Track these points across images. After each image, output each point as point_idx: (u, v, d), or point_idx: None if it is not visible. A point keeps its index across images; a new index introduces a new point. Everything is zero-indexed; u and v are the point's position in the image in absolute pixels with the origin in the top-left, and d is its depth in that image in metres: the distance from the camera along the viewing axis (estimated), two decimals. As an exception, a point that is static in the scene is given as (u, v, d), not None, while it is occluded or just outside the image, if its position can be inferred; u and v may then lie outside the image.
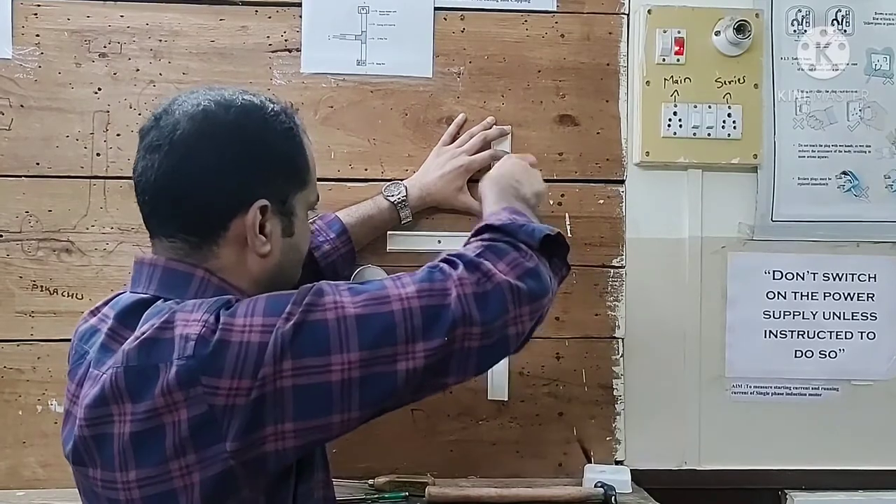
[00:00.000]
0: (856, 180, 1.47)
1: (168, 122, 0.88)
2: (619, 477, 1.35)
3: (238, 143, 0.89)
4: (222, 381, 0.77)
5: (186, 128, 0.87)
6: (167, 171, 0.87)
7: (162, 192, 0.88)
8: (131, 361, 0.79)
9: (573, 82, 1.44)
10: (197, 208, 0.87)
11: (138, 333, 0.81)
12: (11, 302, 1.37)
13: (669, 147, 1.43)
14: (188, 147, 0.87)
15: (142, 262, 0.91)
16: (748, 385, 1.46)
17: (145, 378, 0.78)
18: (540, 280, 0.93)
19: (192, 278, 0.88)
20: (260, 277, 0.91)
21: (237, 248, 0.89)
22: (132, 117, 1.39)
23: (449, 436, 1.42)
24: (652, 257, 1.45)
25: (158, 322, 0.81)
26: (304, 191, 0.96)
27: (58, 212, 1.38)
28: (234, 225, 0.88)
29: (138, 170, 0.89)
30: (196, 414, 0.77)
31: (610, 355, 1.44)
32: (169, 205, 0.88)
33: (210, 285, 0.88)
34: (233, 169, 0.88)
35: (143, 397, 0.78)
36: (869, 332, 1.48)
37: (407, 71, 1.42)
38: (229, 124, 0.89)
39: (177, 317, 0.81)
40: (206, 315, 0.80)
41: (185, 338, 0.78)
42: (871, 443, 1.47)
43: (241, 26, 1.40)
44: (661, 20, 1.43)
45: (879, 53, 1.47)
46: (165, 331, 0.80)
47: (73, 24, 1.38)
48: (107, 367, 0.82)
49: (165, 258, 0.89)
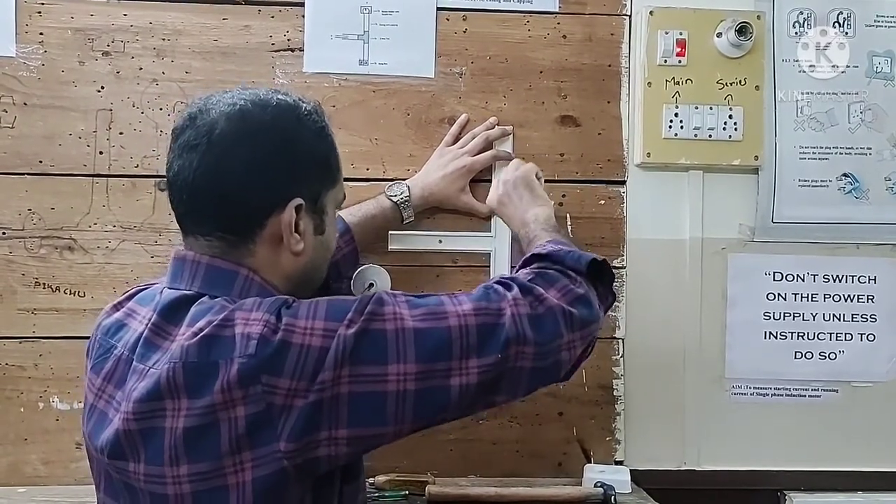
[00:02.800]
0: (856, 182, 1.47)
1: (205, 122, 0.88)
2: (618, 477, 1.35)
3: (275, 142, 0.89)
4: (282, 381, 0.78)
5: (224, 127, 0.87)
6: (206, 170, 0.87)
7: (200, 191, 0.88)
8: (191, 357, 0.80)
9: (575, 83, 1.45)
10: (235, 206, 0.88)
11: (196, 329, 0.81)
12: (14, 299, 1.38)
13: (670, 148, 1.43)
14: (226, 146, 0.87)
15: (183, 259, 0.90)
16: (748, 386, 1.47)
17: (205, 374, 0.79)
18: (590, 306, 0.96)
19: (237, 276, 0.89)
20: (292, 275, 0.92)
21: (272, 245, 0.90)
22: (135, 116, 1.39)
23: (449, 435, 1.42)
24: (652, 258, 1.45)
25: (218, 319, 0.81)
26: (334, 189, 0.97)
27: (60, 210, 1.38)
28: (270, 223, 0.89)
29: (174, 169, 0.89)
30: (254, 412, 0.78)
31: (610, 355, 1.45)
32: (207, 203, 0.88)
33: (254, 283, 0.89)
34: (270, 167, 0.88)
35: (202, 393, 0.79)
36: (869, 334, 1.48)
37: (409, 71, 1.43)
38: (266, 123, 0.89)
39: (236, 315, 0.81)
40: (267, 315, 0.81)
41: (247, 336, 0.79)
42: (871, 444, 1.48)
43: (243, 25, 1.41)
44: (662, 22, 1.43)
45: (880, 56, 1.48)
46: (225, 328, 0.80)
47: (77, 23, 1.39)
48: (157, 361, 0.82)
49: (209, 256, 0.89)
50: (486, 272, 1.42)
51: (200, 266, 0.89)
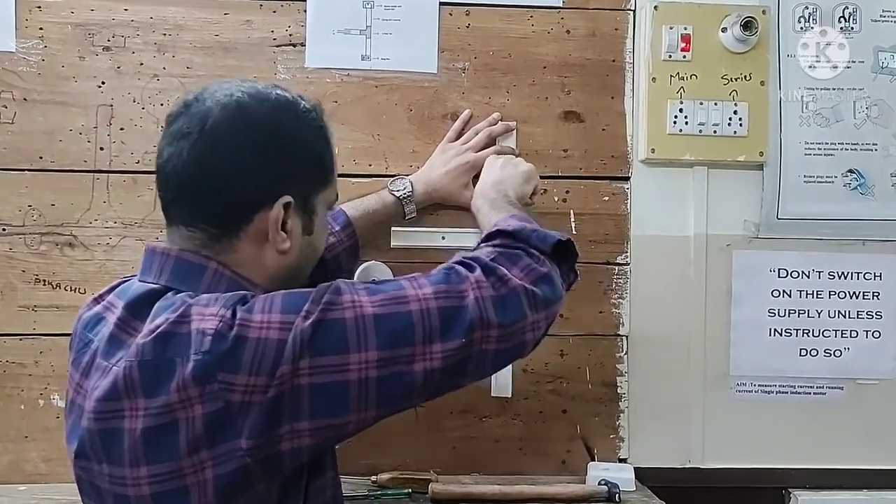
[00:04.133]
0: (862, 178, 1.46)
1: (199, 110, 0.87)
2: (622, 475, 1.35)
3: (271, 138, 0.88)
4: (239, 378, 0.77)
5: (219, 117, 0.86)
6: (196, 160, 0.85)
7: (189, 181, 0.86)
8: (146, 356, 0.78)
9: (579, 78, 1.44)
10: (223, 199, 0.86)
11: (153, 327, 0.80)
12: (14, 296, 1.37)
13: (675, 144, 1.42)
14: (220, 137, 0.86)
15: (153, 251, 0.89)
16: (752, 383, 1.46)
17: (160, 373, 0.77)
18: (553, 285, 0.94)
19: (206, 270, 0.87)
20: (276, 274, 0.91)
21: (256, 242, 0.89)
22: (136, 111, 1.38)
23: (452, 433, 1.41)
24: (657, 255, 1.44)
25: (174, 316, 0.80)
26: (327, 189, 0.96)
27: (61, 206, 1.38)
28: (257, 219, 0.87)
29: (164, 156, 0.88)
30: (211, 410, 0.76)
31: (614, 353, 1.44)
32: (195, 194, 0.87)
33: (223, 278, 0.87)
34: (263, 163, 0.87)
35: (158, 392, 0.77)
36: (874, 331, 1.47)
37: (412, 66, 1.42)
38: (263, 117, 0.88)
39: (192, 311, 0.80)
40: (222, 310, 0.79)
41: (202, 332, 0.77)
42: (876, 442, 1.47)
43: (245, 20, 1.40)
44: (667, 16, 1.42)
45: (886, 51, 1.47)
46: (181, 325, 0.79)
47: (77, 18, 1.38)
48: (117, 359, 0.81)
49: (178, 248, 0.88)
50: (490, 269, 1.41)
51: (169, 259, 0.87)
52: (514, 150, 1.40)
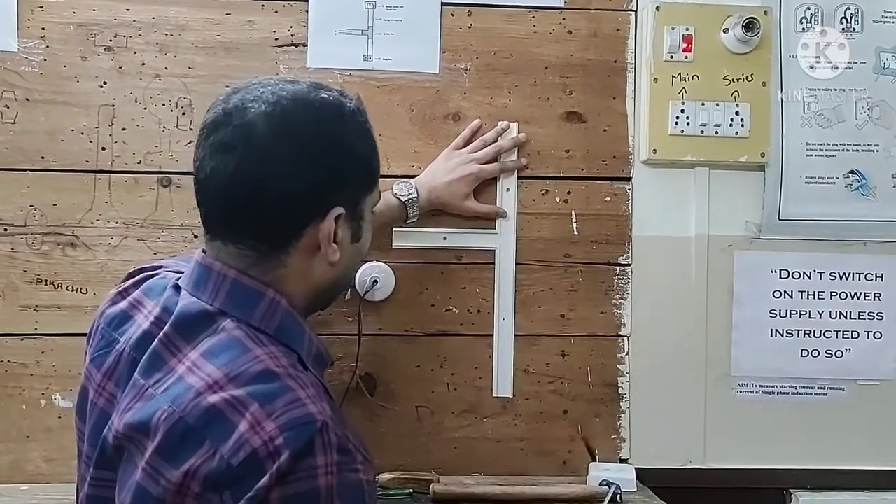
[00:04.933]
0: (863, 179, 1.46)
1: (242, 121, 0.81)
2: (623, 475, 1.35)
3: (319, 147, 0.84)
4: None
5: (264, 129, 0.81)
6: (244, 175, 0.81)
7: (237, 197, 0.81)
8: (188, 417, 0.73)
9: (580, 79, 1.44)
10: (274, 215, 0.82)
11: (210, 381, 0.75)
12: (16, 296, 1.37)
13: (677, 145, 1.42)
14: (267, 150, 0.81)
15: (210, 268, 0.84)
16: (754, 384, 1.46)
17: (186, 443, 0.73)
18: None
19: (263, 298, 0.83)
20: (321, 284, 0.88)
21: (307, 255, 0.85)
22: (138, 111, 1.38)
23: (453, 433, 1.41)
24: (658, 255, 1.44)
25: (236, 392, 0.74)
26: (374, 191, 0.93)
27: (62, 206, 1.38)
28: (308, 232, 0.84)
29: (206, 169, 0.83)
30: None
31: (615, 353, 1.44)
32: (244, 210, 0.82)
33: (279, 309, 0.84)
34: (313, 174, 0.83)
35: (169, 458, 0.73)
36: (875, 332, 1.47)
37: (413, 66, 1.42)
38: (310, 125, 0.83)
39: (253, 408, 0.73)
40: (276, 431, 0.72)
41: (244, 441, 0.71)
42: (877, 443, 1.47)
43: (247, 20, 1.40)
44: (669, 17, 1.42)
45: (888, 52, 1.46)
46: (236, 413, 0.73)
47: (79, 18, 1.38)
48: (159, 383, 0.78)
49: (236, 271, 0.84)
50: (491, 269, 1.41)
51: (226, 281, 0.83)
52: (519, 162, 1.40)
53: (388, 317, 1.41)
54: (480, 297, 1.42)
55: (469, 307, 1.42)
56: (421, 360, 1.42)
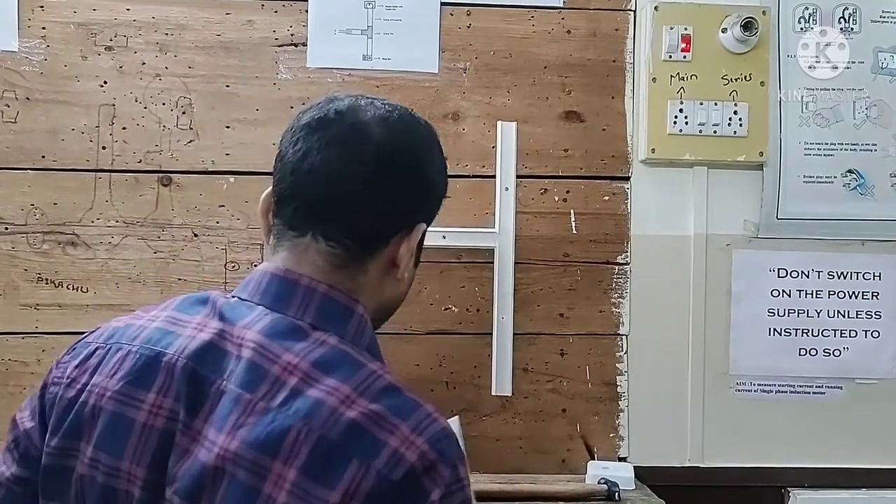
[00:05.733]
0: (861, 179, 1.46)
1: (357, 120, 0.81)
2: (622, 473, 1.35)
3: (432, 158, 0.85)
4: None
5: (381, 131, 0.80)
6: (355, 171, 0.79)
7: (345, 191, 0.79)
8: (330, 433, 0.69)
9: (579, 79, 1.44)
10: (375, 215, 0.80)
11: (343, 394, 0.71)
12: (16, 294, 1.37)
13: (675, 144, 1.43)
14: (381, 152, 0.80)
15: (296, 283, 0.80)
16: (752, 383, 1.46)
17: (333, 461, 0.69)
18: None
19: (353, 315, 0.81)
20: (383, 305, 0.86)
21: (384, 267, 0.83)
22: (138, 111, 1.39)
23: (452, 431, 1.42)
24: (657, 254, 1.45)
25: (373, 407, 0.71)
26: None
27: (63, 205, 1.38)
28: (394, 242, 0.82)
29: (314, 161, 0.80)
30: None
31: (614, 352, 1.45)
32: (348, 205, 0.80)
33: (367, 326, 0.82)
34: (414, 186, 0.82)
35: (319, 479, 0.68)
36: (873, 331, 1.48)
37: (413, 66, 1.42)
38: (423, 135, 0.85)
39: (396, 421, 0.71)
40: (426, 445, 0.71)
41: (399, 457, 0.69)
42: (875, 441, 1.47)
43: (247, 20, 1.40)
44: (667, 17, 1.42)
45: (886, 52, 1.47)
46: (382, 429, 0.70)
47: (79, 17, 1.38)
48: (272, 399, 0.71)
49: (326, 286, 0.80)
50: (490, 268, 1.42)
51: (315, 295, 0.79)
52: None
53: (388, 315, 1.41)
54: (479, 296, 1.43)
55: (468, 306, 1.43)
56: (420, 359, 1.42)
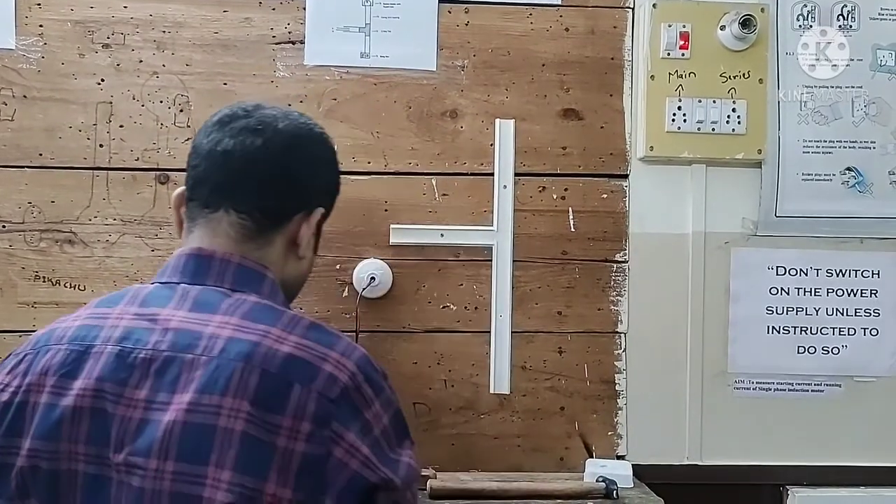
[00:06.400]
0: (860, 176, 1.46)
1: (265, 114, 0.93)
2: (620, 471, 1.35)
3: (328, 149, 0.99)
4: (348, 436, 0.77)
5: (284, 123, 0.93)
6: (270, 150, 0.91)
7: (254, 167, 0.90)
8: (270, 367, 0.78)
9: (577, 76, 1.44)
10: (282, 192, 0.91)
11: (275, 335, 0.80)
12: (14, 293, 1.37)
13: (673, 142, 1.43)
14: (290, 139, 0.93)
15: (210, 257, 0.88)
16: (750, 381, 1.46)
17: (279, 389, 0.77)
18: None
19: (265, 280, 0.90)
20: (286, 282, 0.94)
21: (286, 244, 0.93)
22: (135, 108, 1.39)
23: (451, 429, 1.42)
24: (655, 252, 1.45)
25: (303, 342, 0.81)
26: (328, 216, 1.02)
27: (60, 203, 1.38)
28: (296, 219, 0.93)
29: (225, 146, 0.90)
30: (313, 453, 0.76)
31: (612, 350, 1.44)
32: (259, 180, 0.90)
33: (278, 290, 0.91)
34: (322, 167, 0.97)
35: (270, 407, 0.76)
36: (872, 329, 1.48)
37: (411, 64, 1.42)
38: (316, 134, 0.97)
39: (329, 354, 0.81)
40: (356, 368, 0.82)
41: (334, 379, 0.79)
42: (874, 439, 1.47)
43: (244, 18, 1.40)
44: (666, 14, 1.42)
45: (885, 49, 1.47)
46: (317, 358, 0.80)
47: (77, 15, 1.38)
48: (211, 350, 0.78)
49: (239, 255, 0.89)
50: (489, 266, 1.42)
51: (230, 265, 0.88)
52: None
53: (386, 314, 1.41)
54: (477, 294, 1.42)
55: (466, 304, 1.42)
56: (418, 357, 1.42)
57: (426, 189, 1.42)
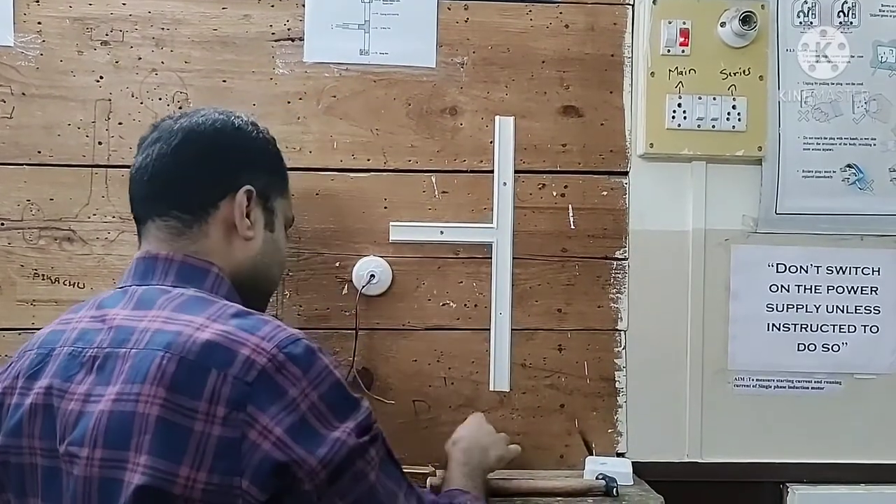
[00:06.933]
0: (860, 173, 1.46)
1: (166, 126, 1.03)
2: (620, 469, 1.35)
3: (228, 135, 1.04)
4: (263, 418, 0.80)
5: (184, 124, 1.02)
6: (166, 156, 0.99)
7: (161, 174, 0.99)
8: (188, 355, 0.81)
9: (577, 73, 1.44)
10: (191, 187, 0.98)
11: (198, 323, 0.84)
12: (13, 290, 1.37)
13: (673, 139, 1.42)
14: (182, 137, 1.00)
15: (154, 258, 0.96)
16: (751, 378, 1.46)
17: (194, 375, 0.81)
18: None
19: (209, 274, 0.97)
20: (242, 266, 1.00)
21: (224, 231, 0.99)
22: (134, 106, 1.38)
23: (451, 427, 1.40)
24: (655, 249, 1.44)
25: (226, 329, 0.84)
26: (284, 200, 1.10)
27: (59, 200, 1.38)
28: (223, 205, 0.99)
29: (136, 164, 1.01)
30: (228, 436, 0.79)
31: (612, 347, 1.44)
32: (166, 184, 0.98)
33: (223, 283, 0.97)
34: (224, 153, 1.02)
35: (185, 392, 0.80)
36: (872, 326, 1.47)
37: (410, 61, 1.42)
38: (209, 125, 1.03)
39: (246, 337, 0.84)
40: (275, 349, 0.83)
41: (251, 362, 0.81)
42: (874, 436, 1.47)
43: (243, 15, 1.40)
44: (666, 11, 1.42)
45: (885, 46, 1.46)
46: (233, 342, 0.83)
47: (75, 12, 1.38)
48: (140, 343, 0.84)
49: (182, 254, 0.96)
50: (488, 264, 1.42)
51: (173, 263, 0.96)
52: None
53: (385, 311, 1.41)
54: (477, 292, 1.42)
55: (466, 301, 1.42)
56: (418, 355, 1.42)
57: (426, 186, 1.42)
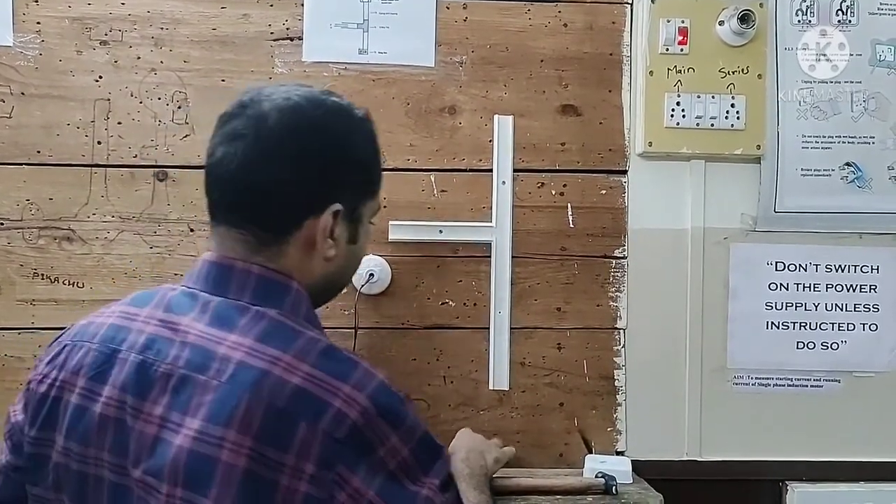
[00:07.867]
0: (859, 171, 1.46)
1: (255, 112, 0.87)
2: (619, 467, 1.35)
3: (325, 143, 0.88)
4: (353, 481, 0.76)
5: (275, 120, 0.86)
6: (251, 161, 0.85)
7: (243, 182, 0.85)
8: (277, 401, 0.76)
9: (576, 72, 1.44)
10: (275, 204, 0.86)
11: (285, 362, 0.78)
12: (12, 290, 1.37)
13: (672, 137, 1.42)
14: (275, 140, 0.85)
15: (231, 268, 0.87)
16: (750, 376, 1.46)
17: (283, 425, 0.75)
18: None
19: (289, 290, 0.87)
20: (317, 281, 0.91)
21: (304, 248, 0.88)
22: (133, 105, 1.38)
23: (450, 425, 1.41)
24: (654, 248, 1.45)
25: (314, 373, 0.78)
26: (374, 200, 0.97)
27: (59, 200, 1.38)
28: (307, 225, 0.87)
29: (216, 155, 0.87)
30: (315, 496, 0.74)
31: (611, 346, 1.44)
32: (248, 195, 0.86)
33: (303, 299, 0.88)
34: (316, 168, 0.87)
35: (273, 443, 0.75)
36: (871, 324, 1.48)
37: (409, 60, 1.42)
38: (318, 121, 0.88)
39: (335, 385, 0.78)
40: (368, 402, 0.78)
41: (344, 416, 0.76)
42: (873, 434, 1.47)
43: (242, 14, 1.40)
44: (664, 10, 1.42)
45: (884, 44, 1.46)
46: (326, 392, 0.77)
47: (74, 12, 1.38)
48: (222, 374, 0.77)
49: (259, 266, 0.86)
50: (487, 262, 1.42)
51: (251, 277, 0.86)
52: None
53: (385, 310, 1.41)
54: (476, 291, 1.42)
55: (465, 300, 1.42)
56: (417, 354, 1.42)
57: (425, 185, 1.42)
